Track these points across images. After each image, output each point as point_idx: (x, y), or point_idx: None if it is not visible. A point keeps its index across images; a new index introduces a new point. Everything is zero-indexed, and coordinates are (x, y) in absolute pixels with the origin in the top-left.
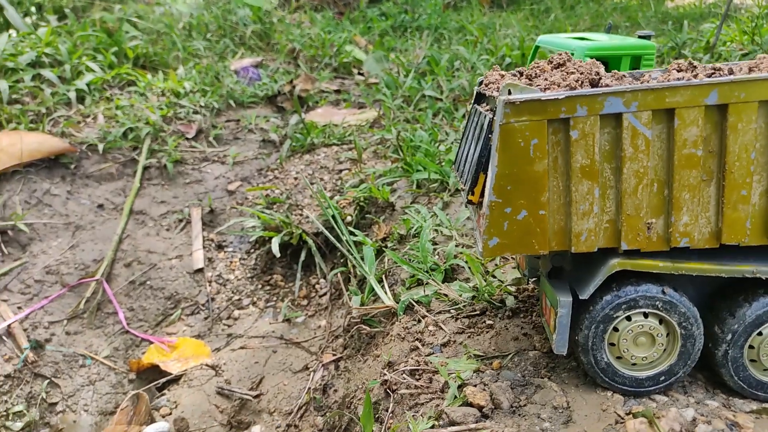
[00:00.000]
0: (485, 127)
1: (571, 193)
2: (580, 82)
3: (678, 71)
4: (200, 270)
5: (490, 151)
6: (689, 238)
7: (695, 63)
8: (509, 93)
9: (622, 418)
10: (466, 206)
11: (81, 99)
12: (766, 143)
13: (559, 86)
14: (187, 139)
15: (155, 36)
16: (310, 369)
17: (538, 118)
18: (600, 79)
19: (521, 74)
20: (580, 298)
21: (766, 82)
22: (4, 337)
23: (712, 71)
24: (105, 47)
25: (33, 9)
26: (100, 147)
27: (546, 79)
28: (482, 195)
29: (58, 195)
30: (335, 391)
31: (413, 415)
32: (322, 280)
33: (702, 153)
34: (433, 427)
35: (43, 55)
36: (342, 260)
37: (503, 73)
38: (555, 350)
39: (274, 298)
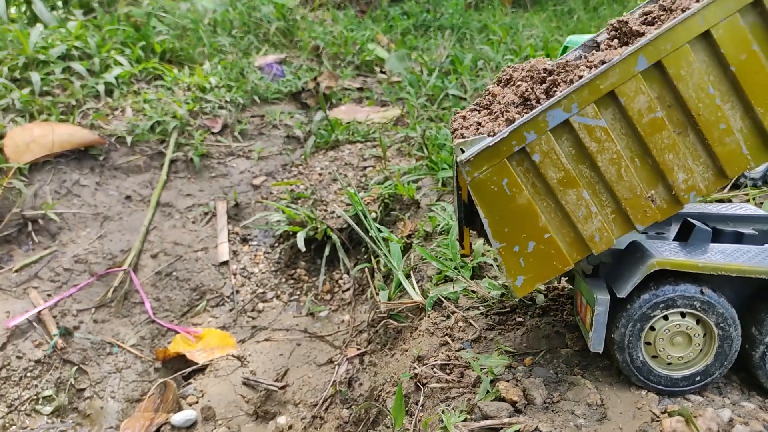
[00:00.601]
0: (455, 182)
1: (564, 206)
2: (530, 90)
3: (615, 30)
4: (225, 263)
5: (466, 207)
6: (696, 190)
7: (626, 19)
8: (462, 152)
9: (658, 417)
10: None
11: (109, 92)
12: (718, 72)
13: (513, 105)
14: (212, 133)
15: (181, 31)
16: (335, 362)
17: (497, 160)
18: (548, 75)
19: (479, 106)
20: (618, 296)
21: (684, 24)
22: (34, 324)
23: (643, 17)
24: (133, 41)
25: (60, 3)
26: (128, 139)
27: (499, 102)
28: (471, 248)
29: (87, 186)
30: (360, 384)
31: (445, 409)
32: (345, 276)
33: (662, 113)
34: (465, 420)
35: (72, 49)
36: (366, 256)
37: (464, 114)
38: (591, 348)
39: (298, 292)
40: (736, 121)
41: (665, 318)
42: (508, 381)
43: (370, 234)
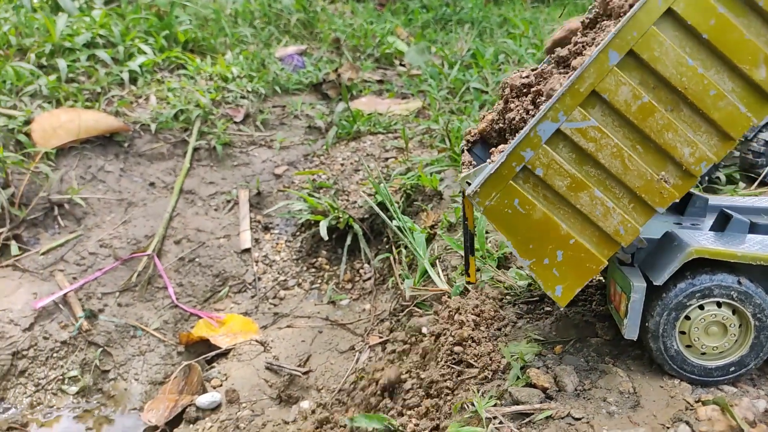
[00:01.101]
0: (462, 212)
1: (580, 209)
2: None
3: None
4: (247, 250)
5: (472, 237)
6: (705, 159)
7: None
8: (469, 184)
9: (692, 406)
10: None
11: (133, 80)
12: (692, 43)
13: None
14: (234, 122)
15: (203, 21)
16: (356, 350)
17: (503, 185)
18: (530, 87)
19: (480, 138)
20: (654, 284)
21: (643, 9)
22: (60, 306)
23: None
24: (156, 30)
25: None
26: (152, 127)
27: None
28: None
29: (111, 172)
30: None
31: (474, 393)
32: (366, 266)
33: (649, 96)
34: (495, 405)
35: (97, 37)
36: (387, 246)
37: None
38: (626, 335)
39: (319, 281)
40: (725, 83)
41: (701, 307)
42: (538, 368)
43: (395, 223)
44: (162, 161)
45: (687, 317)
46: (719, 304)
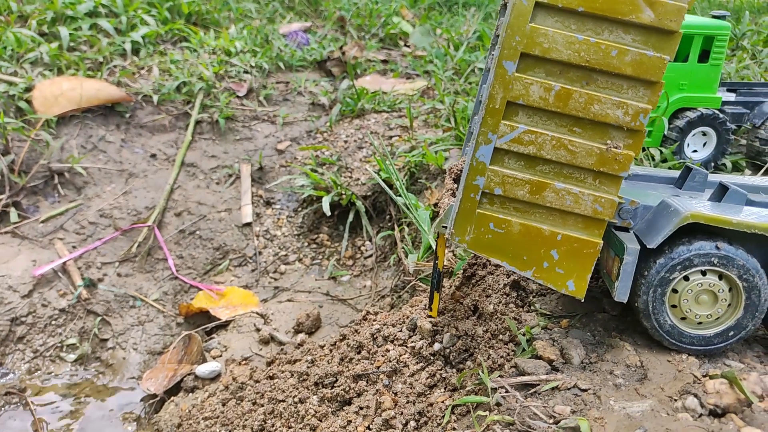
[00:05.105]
0: (434, 252)
1: (551, 206)
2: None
3: None
4: (248, 224)
5: (440, 275)
6: (642, 112)
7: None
8: (445, 228)
9: (699, 379)
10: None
11: (136, 51)
12: (573, 19)
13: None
14: (237, 97)
15: None
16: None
17: (472, 216)
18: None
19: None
20: (648, 246)
21: (514, 15)
22: (59, 274)
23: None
24: (159, 2)
25: None
26: (155, 98)
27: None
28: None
29: (112, 142)
30: None
31: (482, 362)
32: (368, 243)
33: (559, 82)
34: (501, 376)
35: (100, 6)
36: (389, 224)
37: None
38: (616, 297)
39: (320, 257)
40: (622, 38)
41: (686, 279)
42: (544, 341)
43: (400, 200)
44: (163, 133)
45: (674, 290)
46: (704, 273)
